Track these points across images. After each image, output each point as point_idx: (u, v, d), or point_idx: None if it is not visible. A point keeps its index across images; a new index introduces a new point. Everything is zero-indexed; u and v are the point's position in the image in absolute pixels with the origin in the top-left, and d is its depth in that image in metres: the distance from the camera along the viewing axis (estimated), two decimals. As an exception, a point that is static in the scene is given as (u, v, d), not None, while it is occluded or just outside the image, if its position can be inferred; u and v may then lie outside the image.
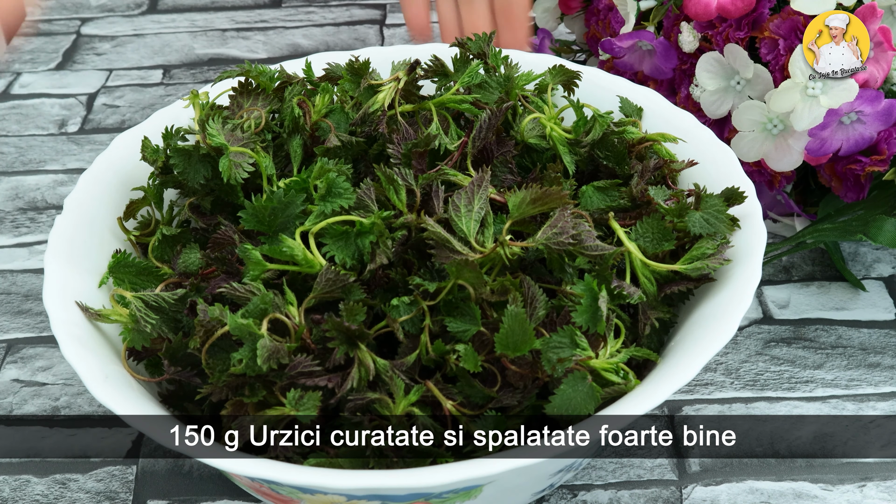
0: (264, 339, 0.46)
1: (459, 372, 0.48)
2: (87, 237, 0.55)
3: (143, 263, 0.54)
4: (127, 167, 0.59)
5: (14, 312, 0.68)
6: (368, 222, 0.50)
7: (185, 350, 0.50)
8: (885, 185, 0.65)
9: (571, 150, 0.56)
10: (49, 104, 0.89)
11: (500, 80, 0.59)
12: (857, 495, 0.55)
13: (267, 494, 0.49)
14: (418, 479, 0.43)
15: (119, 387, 0.47)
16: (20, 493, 0.56)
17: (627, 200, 0.54)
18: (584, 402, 0.46)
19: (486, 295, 0.49)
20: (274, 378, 0.47)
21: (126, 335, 0.51)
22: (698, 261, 0.51)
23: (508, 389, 0.48)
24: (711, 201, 0.52)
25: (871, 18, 0.60)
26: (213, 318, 0.48)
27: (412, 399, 0.47)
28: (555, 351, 0.47)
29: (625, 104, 0.61)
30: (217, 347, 0.48)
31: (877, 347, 0.63)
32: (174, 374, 0.50)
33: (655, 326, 0.51)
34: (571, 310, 0.48)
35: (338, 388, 0.47)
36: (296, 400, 0.46)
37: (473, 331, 0.49)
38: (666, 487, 0.55)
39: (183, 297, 0.51)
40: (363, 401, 0.47)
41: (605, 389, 0.47)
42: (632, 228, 0.52)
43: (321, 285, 0.49)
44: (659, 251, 0.52)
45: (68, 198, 0.56)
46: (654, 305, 0.52)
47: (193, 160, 0.55)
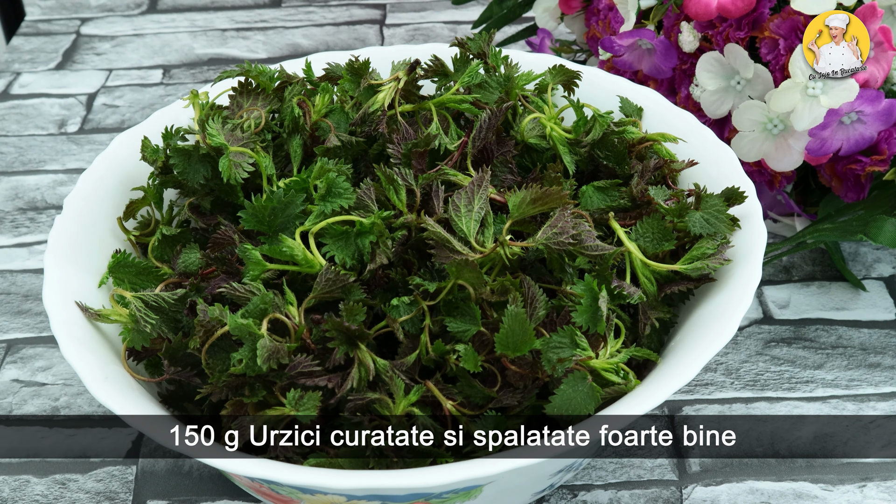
0: (264, 339, 0.46)
1: (459, 372, 0.48)
2: (87, 237, 0.55)
3: (142, 263, 0.54)
4: (126, 167, 0.59)
5: (14, 312, 0.68)
6: (368, 222, 0.50)
7: (185, 350, 0.50)
8: (885, 184, 0.65)
9: (571, 150, 0.56)
10: (49, 104, 0.89)
11: (501, 80, 0.59)
12: (858, 495, 0.55)
13: (267, 495, 0.49)
14: (419, 479, 0.43)
15: (119, 387, 0.47)
16: (20, 493, 0.56)
17: (627, 200, 0.54)
18: (585, 402, 0.46)
19: (486, 295, 0.49)
20: (274, 378, 0.47)
21: (126, 335, 0.51)
22: (698, 261, 0.51)
23: (508, 389, 0.48)
24: (712, 201, 0.52)
25: (872, 18, 0.60)
26: (212, 318, 0.48)
27: (412, 399, 0.47)
28: (555, 351, 0.47)
29: (625, 104, 0.60)
30: (217, 347, 0.48)
31: (877, 347, 0.63)
32: (174, 375, 0.49)
33: (656, 326, 0.51)
34: (571, 310, 0.48)
35: (338, 389, 0.47)
36: (296, 400, 0.46)
37: (473, 331, 0.49)
38: (666, 487, 0.55)
39: (183, 297, 0.51)
40: (363, 401, 0.47)
41: (606, 389, 0.47)
42: (632, 228, 0.52)
43: (321, 285, 0.49)
44: (659, 251, 0.51)
45: (68, 198, 0.56)
46: (655, 305, 0.51)
47: (193, 160, 0.55)
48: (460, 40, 0.60)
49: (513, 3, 0.83)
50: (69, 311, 0.50)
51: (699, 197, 0.53)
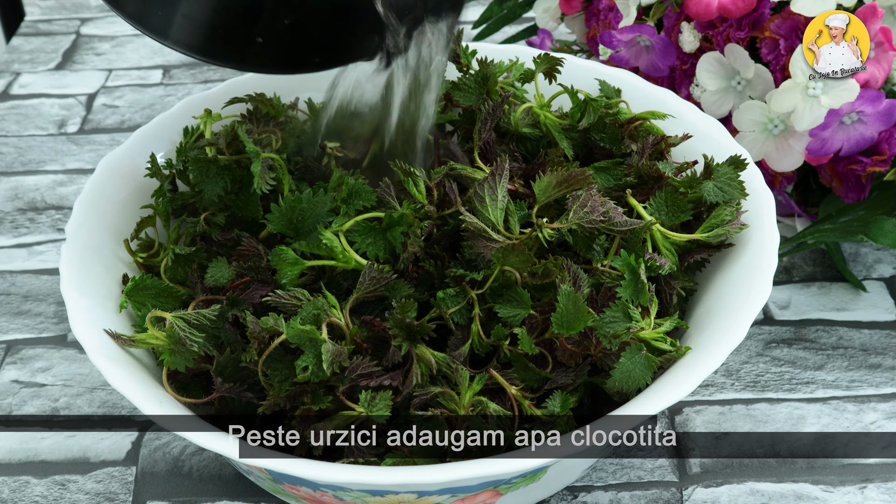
0: (327, 343, 0.46)
1: (514, 357, 0.49)
2: (96, 263, 0.54)
3: (162, 284, 0.53)
4: (115, 190, 0.58)
5: (14, 313, 0.68)
6: (397, 214, 0.51)
7: (236, 365, 0.49)
8: (885, 185, 0.65)
9: (566, 135, 0.57)
10: (49, 104, 0.89)
11: (478, 79, 0.59)
12: (858, 496, 0.55)
13: (315, 501, 0.49)
14: (498, 467, 0.43)
15: (172, 409, 0.47)
16: (20, 494, 0.56)
17: (634, 177, 0.55)
18: (643, 373, 0.48)
19: (527, 279, 0.50)
20: (335, 382, 0.47)
21: (167, 358, 0.50)
22: (718, 227, 0.52)
23: (561, 369, 0.50)
24: (722, 169, 0.54)
25: (872, 18, 0.60)
26: (266, 329, 0.47)
27: (476, 388, 0.48)
28: (610, 326, 0.48)
29: (603, 86, 0.61)
30: (270, 358, 0.48)
31: (878, 348, 0.63)
32: (226, 392, 0.49)
33: (682, 295, 0.53)
34: (613, 285, 0.49)
35: (401, 386, 0.48)
36: (368, 401, 0.47)
37: (524, 314, 0.50)
38: (666, 489, 0.55)
39: (221, 312, 0.51)
40: (428, 396, 0.48)
41: (659, 359, 0.48)
42: (647, 203, 0.53)
43: (364, 284, 0.49)
44: (676, 223, 0.53)
45: (68, 225, 0.55)
46: (677, 276, 0.53)
47: (212, 172, 0.55)
48: None
49: (513, 3, 0.83)
50: (100, 337, 0.50)
51: (709, 167, 0.54)
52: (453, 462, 0.44)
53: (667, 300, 0.53)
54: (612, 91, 0.61)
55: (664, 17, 0.67)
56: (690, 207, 0.53)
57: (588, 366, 0.50)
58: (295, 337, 0.47)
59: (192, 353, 0.49)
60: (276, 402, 0.48)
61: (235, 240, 0.55)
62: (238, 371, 0.50)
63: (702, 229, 0.53)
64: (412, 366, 0.48)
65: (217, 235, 0.56)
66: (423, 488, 0.45)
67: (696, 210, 0.54)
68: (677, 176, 0.55)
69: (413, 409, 0.48)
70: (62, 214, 0.76)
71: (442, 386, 0.48)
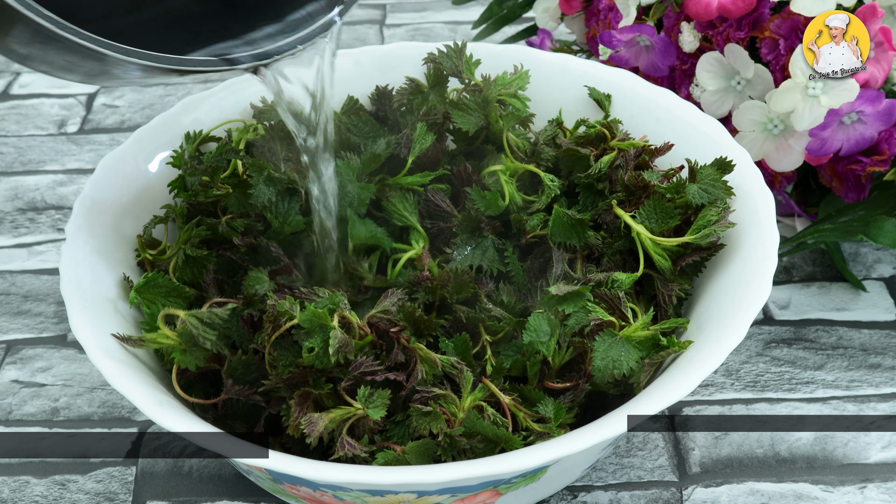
0: (336, 330, 0.47)
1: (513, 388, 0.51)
2: (94, 264, 0.54)
3: (172, 283, 0.54)
4: (116, 190, 0.58)
5: (13, 313, 0.68)
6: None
7: (247, 368, 0.50)
8: (885, 185, 0.65)
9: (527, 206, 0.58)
10: (48, 104, 0.89)
11: (478, 100, 0.59)
12: (858, 497, 0.55)
13: (315, 501, 0.49)
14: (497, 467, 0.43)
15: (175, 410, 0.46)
16: (19, 493, 0.56)
17: (621, 191, 0.56)
18: (627, 354, 0.48)
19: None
20: (339, 375, 0.48)
21: (178, 357, 0.49)
22: (705, 229, 0.53)
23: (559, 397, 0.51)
24: (705, 172, 0.54)
25: (872, 18, 0.60)
26: (282, 312, 0.48)
27: (478, 396, 0.49)
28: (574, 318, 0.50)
29: (593, 92, 0.62)
30: (280, 346, 0.49)
31: (877, 348, 0.63)
32: (235, 394, 0.49)
33: (682, 297, 0.54)
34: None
35: (405, 382, 0.48)
36: (365, 397, 0.47)
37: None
38: (666, 489, 0.55)
39: (234, 312, 0.51)
40: (430, 394, 0.48)
41: (661, 353, 0.49)
42: (636, 212, 0.54)
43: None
44: (665, 228, 0.54)
45: (68, 225, 0.55)
46: (672, 279, 0.54)
47: (264, 177, 0.56)
48: (433, 55, 0.61)
49: (513, 3, 0.83)
50: (100, 337, 0.49)
51: (692, 170, 0.55)
52: (453, 462, 0.44)
53: (665, 304, 0.53)
54: (601, 96, 0.62)
55: (664, 17, 0.67)
56: (678, 213, 0.54)
57: (587, 386, 0.51)
58: (306, 321, 0.47)
59: (205, 351, 0.49)
60: (277, 383, 0.48)
61: (254, 246, 0.56)
62: (249, 373, 0.50)
63: (690, 232, 0.53)
64: (416, 365, 0.49)
65: (237, 235, 0.56)
66: (423, 488, 0.45)
67: (686, 215, 0.55)
68: (664, 183, 0.56)
69: (414, 403, 0.48)
70: (62, 214, 0.76)
71: (444, 390, 0.49)
